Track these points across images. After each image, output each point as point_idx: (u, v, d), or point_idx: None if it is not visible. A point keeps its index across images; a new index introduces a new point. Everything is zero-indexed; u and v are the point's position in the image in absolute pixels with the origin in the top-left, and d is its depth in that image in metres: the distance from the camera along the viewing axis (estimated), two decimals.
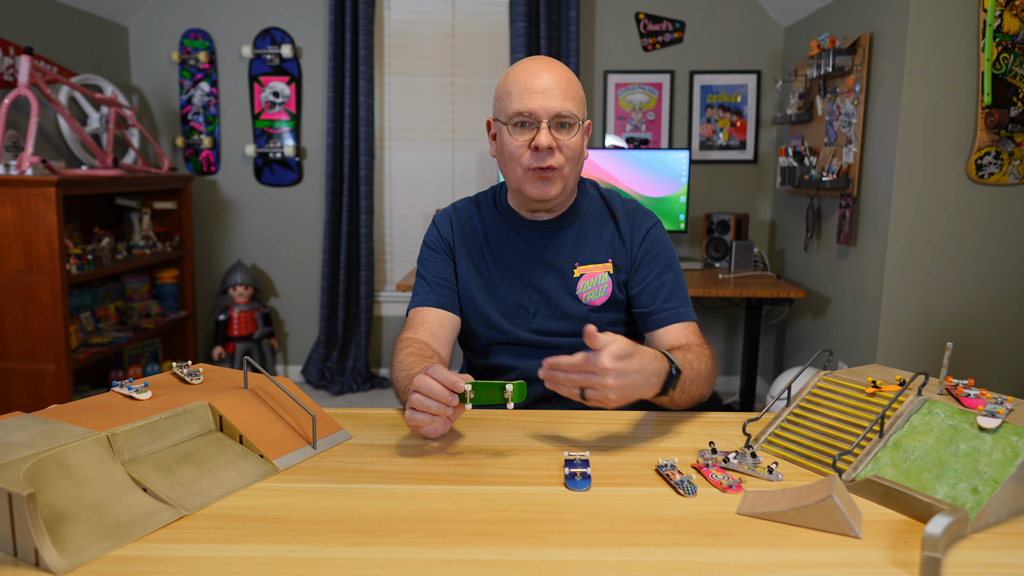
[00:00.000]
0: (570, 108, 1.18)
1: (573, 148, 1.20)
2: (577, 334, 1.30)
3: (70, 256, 2.68)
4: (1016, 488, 0.78)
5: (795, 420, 1.00)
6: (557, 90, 1.17)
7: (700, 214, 3.63)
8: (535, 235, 1.32)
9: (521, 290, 1.31)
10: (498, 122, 1.24)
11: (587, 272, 1.30)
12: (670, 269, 1.31)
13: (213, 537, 0.74)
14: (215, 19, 3.60)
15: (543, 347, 1.31)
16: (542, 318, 1.31)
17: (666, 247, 1.33)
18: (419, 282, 1.35)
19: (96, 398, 0.95)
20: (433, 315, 1.30)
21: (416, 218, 3.77)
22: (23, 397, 2.56)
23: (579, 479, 0.88)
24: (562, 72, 1.20)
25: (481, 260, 1.33)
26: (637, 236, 1.31)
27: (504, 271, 1.32)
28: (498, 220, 1.35)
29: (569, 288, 1.30)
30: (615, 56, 3.56)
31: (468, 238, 1.35)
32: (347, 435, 1.04)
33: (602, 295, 1.30)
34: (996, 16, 2.30)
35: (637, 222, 1.33)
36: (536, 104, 1.17)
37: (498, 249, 1.33)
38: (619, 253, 1.31)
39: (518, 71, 1.20)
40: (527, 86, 1.17)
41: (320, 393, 3.64)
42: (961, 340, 2.50)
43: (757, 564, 0.70)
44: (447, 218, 1.38)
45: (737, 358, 3.77)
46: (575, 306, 1.30)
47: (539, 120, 1.17)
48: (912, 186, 2.45)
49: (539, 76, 1.18)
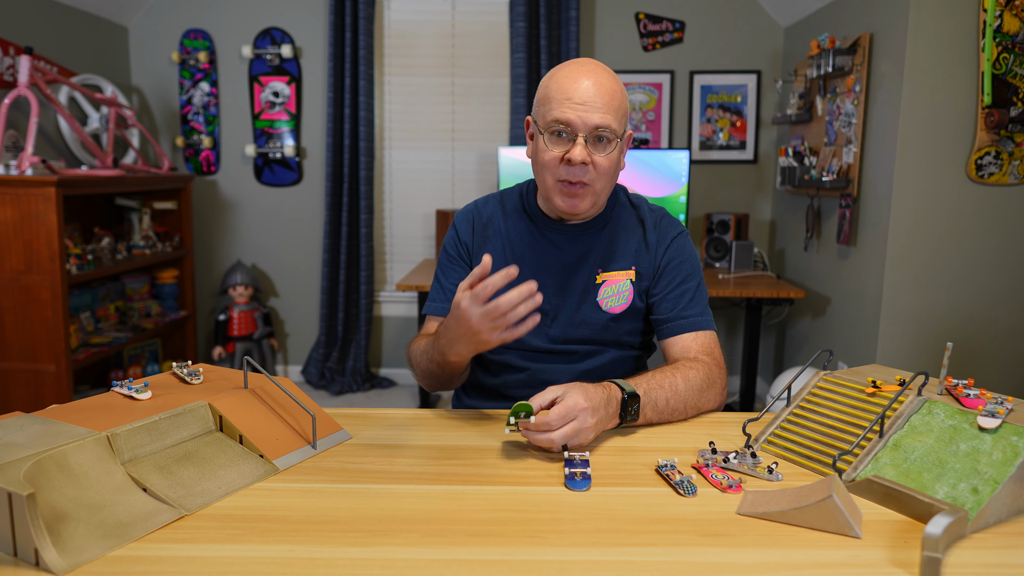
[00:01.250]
0: (610, 122, 1.13)
1: (607, 164, 1.16)
2: (594, 341, 1.28)
3: (70, 256, 2.68)
4: (1016, 488, 0.78)
5: (795, 420, 1.00)
6: (599, 102, 1.12)
7: (700, 214, 3.63)
8: (562, 239, 1.29)
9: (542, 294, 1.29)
10: (536, 125, 1.20)
11: (609, 279, 1.27)
12: (692, 278, 1.29)
13: (213, 537, 0.74)
14: (215, 19, 3.60)
15: (556, 352, 1.28)
16: (560, 324, 1.27)
17: (690, 256, 1.31)
18: (435, 285, 1.34)
19: (96, 398, 0.95)
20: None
21: (416, 218, 3.77)
22: (23, 397, 2.56)
23: (579, 479, 0.88)
24: (607, 82, 1.15)
25: (502, 261, 1.29)
26: (663, 244, 1.29)
27: (525, 274, 1.28)
28: (524, 220, 1.31)
29: (591, 295, 1.27)
30: (615, 56, 3.56)
31: (490, 238, 1.32)
32: (347, 435, 1.04)
33: (623, 302, 1.27)
34: (996, 16, 2.29)
35: (664, 230, 1.30)
36: (575, 115, 1.12)
37: (521, 250, 1.30)
38: (643, 260, 1.29)
39: (561, 75, 1.15)
40: (568, 94, 1.13)
41: (320, 393, 3.64)
42: (961, 340, 2.50)
43: (757, 564, 0.70)
44: (468, 217, 1.35)
45: (737, 358, 3.77)
46: (595, 313, 1.27)
47: (576, 132, 1.13)
48: (912, 186, 2.45)
49: (581, 84, 1.12)
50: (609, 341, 1.29)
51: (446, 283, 1.33)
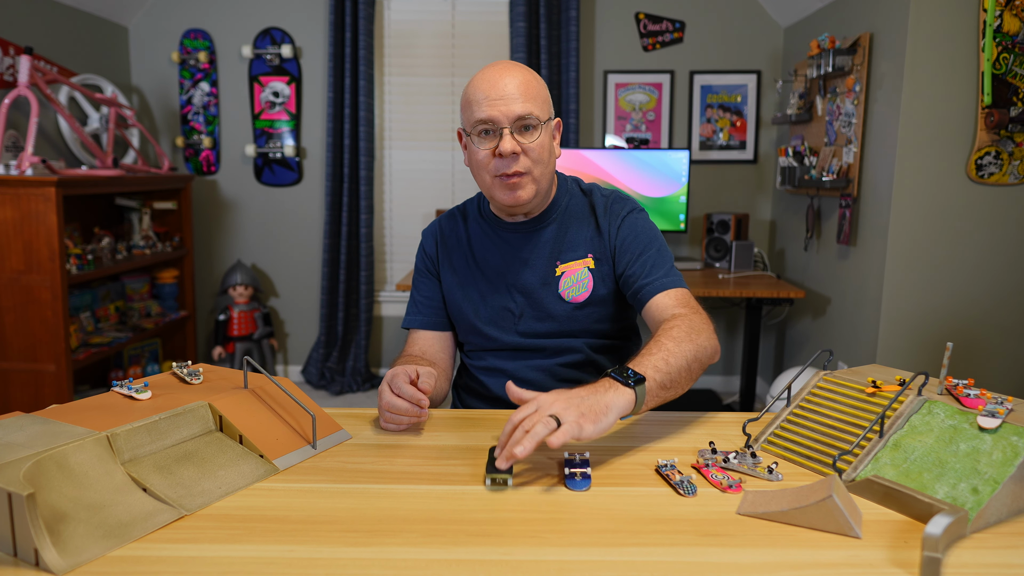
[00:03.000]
0: (531, 110, 1.17)
1: (538, 150, 1.20)
2: (562, 334, 1.31)
3: (70, 256, 2.68)
4: (1016, 488, 0.78)
5: (795, 420, 1.00)
6: (517, 93, 1.17)
7: (700, 214, 3.63)
8: (515, 237, 1.33)
9: (506, 293, 1.32)
10: (465, 132, 1.24)
11: (568, 269, 1.30)
12: (650, 247, 1.28)
13: (213, 537, 0.74)
14: (215, 19, 3.60)
15: (529, 349, 1.32)
16: (527, 319, 1.31)
17: (643, 228, 1.30)
18: (411, 299, 1.42)
19: (96, 398, 0.94)
20: (422, 336, 1.38)
21: (416, 218, 3.77)
22: (23, 397, 2.56)
23: (579, 479, 0.88)
24: (521, 75, 1.19)
25: (465, 268, 1.35)
26: (614, 225, 1.30)
27: (489, 276, 1.33)
28: (481, 226, 1.36)
29: (552, 287, 1.30)
30: (615, 56, 3.56)
31: (452, 249, 1.37)
32: (347, 435, 1.04)
33: (583, 291, 1.29)
34: (996, 16, 2.29)
35: (614, 212, 1.32)
36: (496, 111, 1.16)
37: (482, 254, 1.34)
38: (598, 246, 1.31)
39: (478, 80, 1.20)
40: (487, 94, 1.17)
41: (320, 393, 3.64)
42: (961, 340, 2.50)
43: (757, 564, 0.70)
44: (433, 233, 1.41)
45: (737, 358, 3.77)
46: (558, 304, 1.30)
47: (501, 126, 1.17)
48: (912, 186, 2.45)
49: (497, 83, 1.17)
50: (578, 331, 1.31)
51: (419, 296, 1.40)
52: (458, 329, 1.39)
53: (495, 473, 0.87)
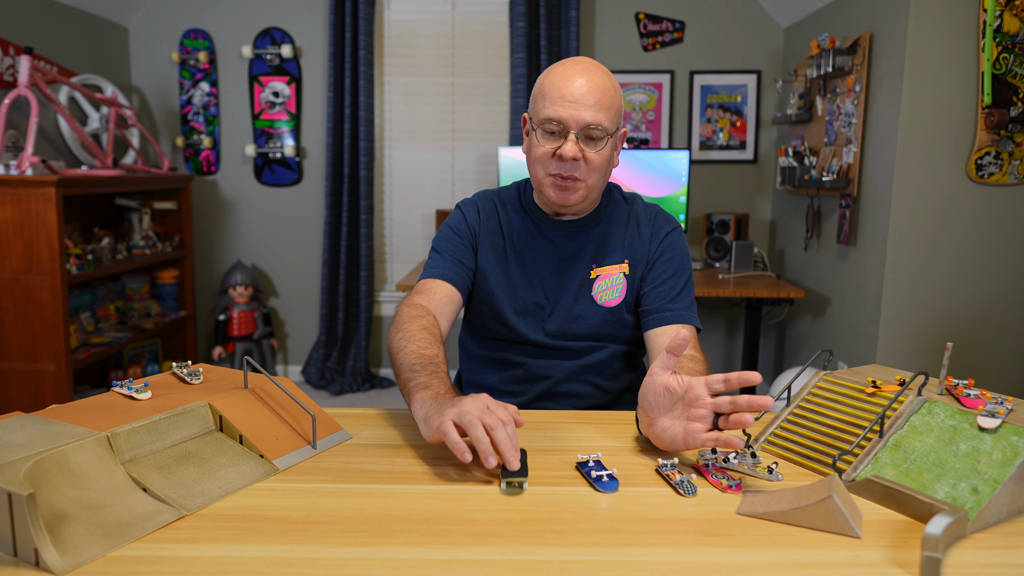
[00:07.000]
0: (601, 120, 1.15)
1: (599, 160, 1.18)
2: (591, 337, 1.30)
3: (70, 256, 2.68)
4: (1016, 488, 0.78)
5: (795, 420, 1.00)
6: (590, 100, 1.14)
7: (700, 214, 3.63)
8: (558, 234, 1.31)
9: (539, 289, 1.31)
10: (531, 122, 1.23)
11: (603, 273, 1.30)
12: (682, 274, 1.30)
13: (213, 537, 0.74)
14: (215, 19, 3.60)
15: (554, 348, 1.30)
16: (557, 319, 1.30)
17: (681, 252, 1.32)
18: (434, 256, 1.31)
19: (96, 398, 0.94)
20: (444, 289, 1.25)
21: (416, 218, 3.77)
22: (23, 397, 2.56)
23: (606, 480, 0.87)
24: (600, 80, 1.16)
25: (503, 256, 1.32)
26: (657, 237, 1.31)
27: (525, 269, 1.31)
28: (522, 218, 1.34)
29: (586, 289, 1.30)
30: (615, 56, 3.56)
31: (491, 231, 1.33)
32: (347, 435, 1.04)
33: (617, 296, 1.29)
34: (996, 16, 2.29)
35: (659, 225, 1.33)
36: (566, 113, 1.14)
37: (522, 247, 1.32)
38: (638, 252, 1.31)
39: (555, 74, 1.17)
40: (561, 92, 1.15)
41: (320, 393, 3.64)
42: (961, 340, 2.50)
43: (757, 564, 0.70)
44: (473, 206, 1.35)
45: (737, 358, 3.77)
46: (590, 307, 1.29)
47: (568, 129, 1.15)
48: (912, 186, 2.45)
49: (573, 83, 1.14)
50: (606, 336, 1.31)
51: (447, 251, 1.29)
52: (484, 314, 1.33)
53: (510, 477, 0.86)
